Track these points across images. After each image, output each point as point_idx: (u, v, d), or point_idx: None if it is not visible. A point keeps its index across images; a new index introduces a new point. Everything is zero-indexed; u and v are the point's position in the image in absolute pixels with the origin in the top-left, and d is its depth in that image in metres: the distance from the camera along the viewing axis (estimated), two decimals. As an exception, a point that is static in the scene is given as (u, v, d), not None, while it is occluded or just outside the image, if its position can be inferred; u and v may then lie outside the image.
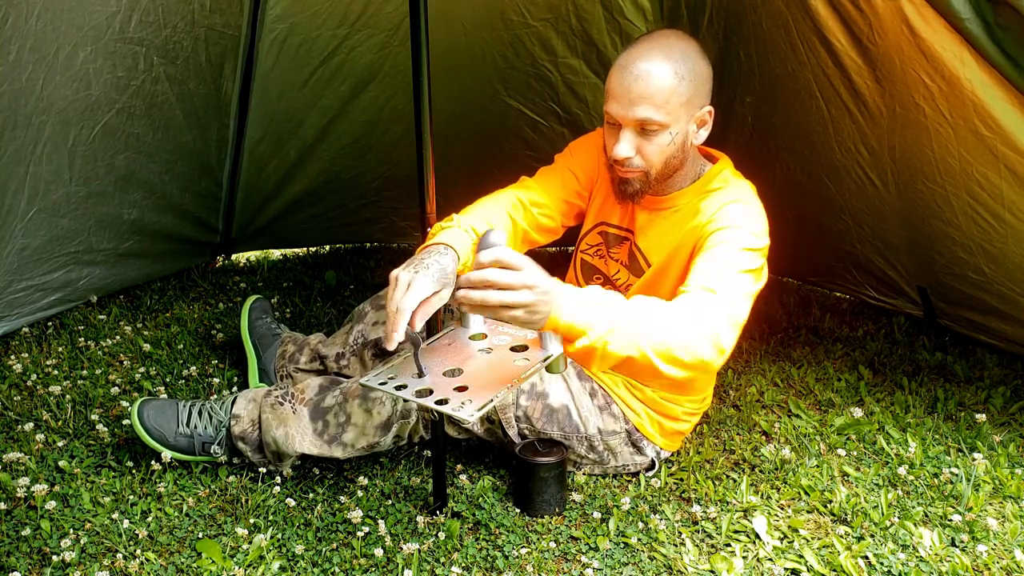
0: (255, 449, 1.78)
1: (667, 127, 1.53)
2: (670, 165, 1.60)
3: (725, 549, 1.65)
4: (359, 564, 1.56)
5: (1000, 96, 1.62)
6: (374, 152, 2.87)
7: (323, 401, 1.77)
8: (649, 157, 1.57)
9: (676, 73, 1.51)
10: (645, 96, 1.50)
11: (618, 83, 1.53)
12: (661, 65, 1.50)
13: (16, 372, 2.17)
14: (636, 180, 1.61)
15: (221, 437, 1.78)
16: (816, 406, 2.20)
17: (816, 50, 1.97)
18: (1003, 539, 1.67)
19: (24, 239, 2.22)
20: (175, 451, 1.78)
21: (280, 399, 1.78)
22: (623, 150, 1.56)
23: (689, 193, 1.67)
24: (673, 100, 1.51)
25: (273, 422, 1.75)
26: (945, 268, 2.21)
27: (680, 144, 1.57)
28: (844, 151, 2.18)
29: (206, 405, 1.82)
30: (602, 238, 1.82)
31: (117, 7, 2.08)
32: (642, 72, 1.50)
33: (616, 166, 1.61)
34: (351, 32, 2.49)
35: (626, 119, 1.53)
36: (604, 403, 1.81)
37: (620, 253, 1.79)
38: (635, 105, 1.51)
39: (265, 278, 3.00)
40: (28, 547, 1.56)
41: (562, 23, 2.46)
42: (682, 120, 1.55)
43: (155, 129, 2.43)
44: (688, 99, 1.53)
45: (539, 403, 1.78)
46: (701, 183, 1.66)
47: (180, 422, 1.79)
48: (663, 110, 1.51)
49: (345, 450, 1.76)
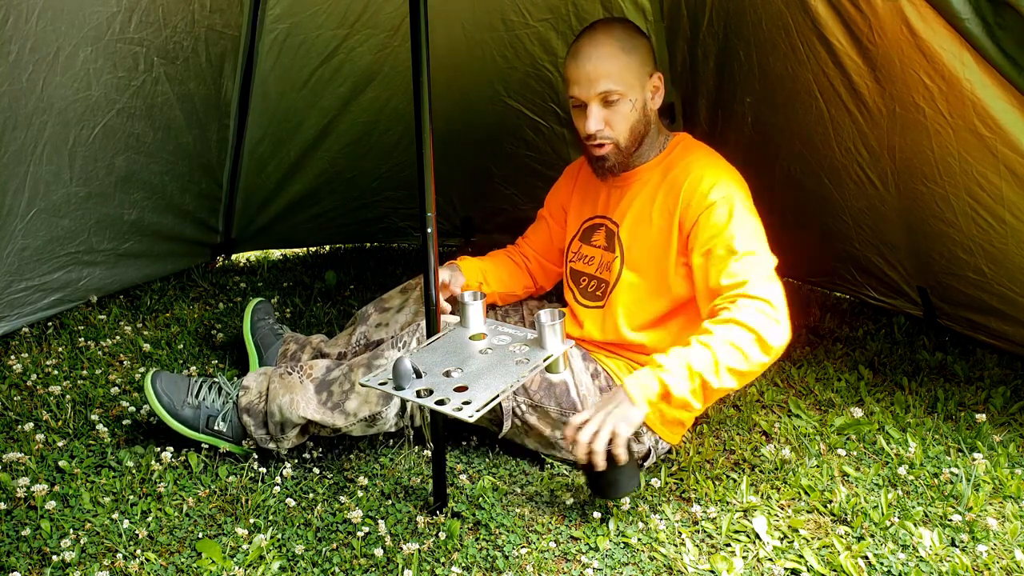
0: (259, 423, 1.81)
1: (626, 95, 1.72)
2: (636, 131, 1.77)
3: (725, 549, 1.65)
4: (359, 564, 1.56)
5: (1000, 96, 1.62)
6: (374, 152, 2.87)
7: (329, 376, 1.81)
8: (616, 126, 1.75)
9: (622, 48, 1.72)
10: (600, 72, 1.70)
11: (574, 68, 1.74)
12: (607, 43, 1.72)
13: (16, 372, 2.17)
14: (610, 154, 1.78)
15: (227, 411, 1.83)
16: (816, 406, 2.20)
17: (816, 50, 1.97)
18: (1003, 539, 1.67)
19: (24, 239, 2.22)
20: (180, 422, 1.82)
21: (289, 371, 1.83)
22: (593, 124, 1.73)
23: (653, 166, 1.84)
24: (625, 71, 1.71)
25: (280, 390, 1.79)
26: (945, 268, 2.21)
27: (641, 110, 1.76)
28: (844, 151, 2.18)
29: (217, 381, 1.88)
30: (581, 240, 1.96)
31: (117, 7, 2.08)
32: (593, 53, 1.71)
33: (590, 144, 1.78)
34: (351, 32, 2.49)
35: (589, 96, 1.72)
36: (605, 385, 1.83)
37: (599, 238, 1.91)
38: (594, 81, 1.71)
39: (265, 278, 3.00)
40: (28, 547, 1.56)
41: (562, 23, 2.46)
42: (637, 88, 1.74)
43: (155, 129, 2.43)
44: (638, 67, 1.73)
45: (538, 376, 1.81)
46: (663, 155, 1.84)
47: (190, 393, 1.84)
48: (619, 80, 1.71)
49: (347, 418, 1.78)
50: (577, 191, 2.01)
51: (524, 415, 1.82)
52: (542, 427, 1.83)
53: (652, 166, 1.84)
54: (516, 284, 2.09)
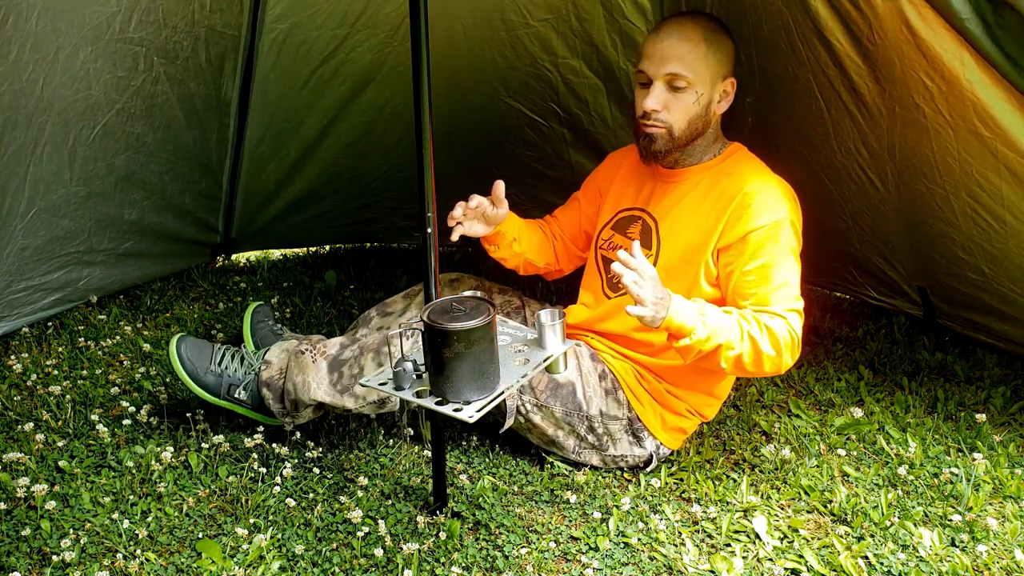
0: (277, 398, 1.84)
1: (693, 85, 1.68)
2: (693, 126, 1.73)
3: (725, 549, 1.65)
4: (359, 564, 1.56)
5: (1000, 96, 1.62)
6: (374, 152, 2.87)
7: (342, 355, 1.82)
8: (675, 112, 1.71)
9: (705, 39, 1.68)
10: (676, 54, 1.67)
11: (652, 43, 1.71)
12: (692, 29, 1.68)
13: (16, 372, 2.17)
14: (660, 137, 1.73)
15: (249, 381, 1.86)
16: (816, 406, 2.20)
17: (816, 50, 1.97)
18: (1003, 539, 1.67)
19: (24, 239, 2.22)
20: (203, 387, 1.86)
21: (303, 350, 1.84)
22: (652, 102, 1.70)
23: (706, 168, 1.79)
24: (700, 62, 1.68)
25: (295, 369, 1.81)
26: (945, 268, 2.21)
27: (704, 106, 1.72)
28: (844, 151, 2.18)
29: (241, 350, 1.91)
30: (614, 229, 1.91)
31: (117, 7, 2.08)
32: (674, 33, 1.68)
33: (643, 122, 1.74)
34: (351, 32, 2.49)
35: (657, 74, 1.69)
36: (611, 387, 1.83)
37: (634, 231, 1.87)
38: (666, 61, 1.67)
39: (265, 278, 3.00)
40: (28, 547, 1.56)
41: (562, 23, 2.46)
42: (707, 83, 1.70)
43: (155, 129, 2.43)
44: (715, 63, 1.70)
45: (544, 376, 1.80)
46: (717, 160, 1.80)
47: (213, 360, 1.87)
48: (691, 68, 1.67)
49: (356, 401, 1.79)
50: (619, 179, 1.96)
51: (528, 414, 1.81)
52: (545, 426, 1.83)
53: (704, 168, 1.79)
54: (542, 257, 2.06)
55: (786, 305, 1.66)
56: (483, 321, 1.34)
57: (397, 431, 1.98)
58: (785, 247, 1.68)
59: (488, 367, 1.37)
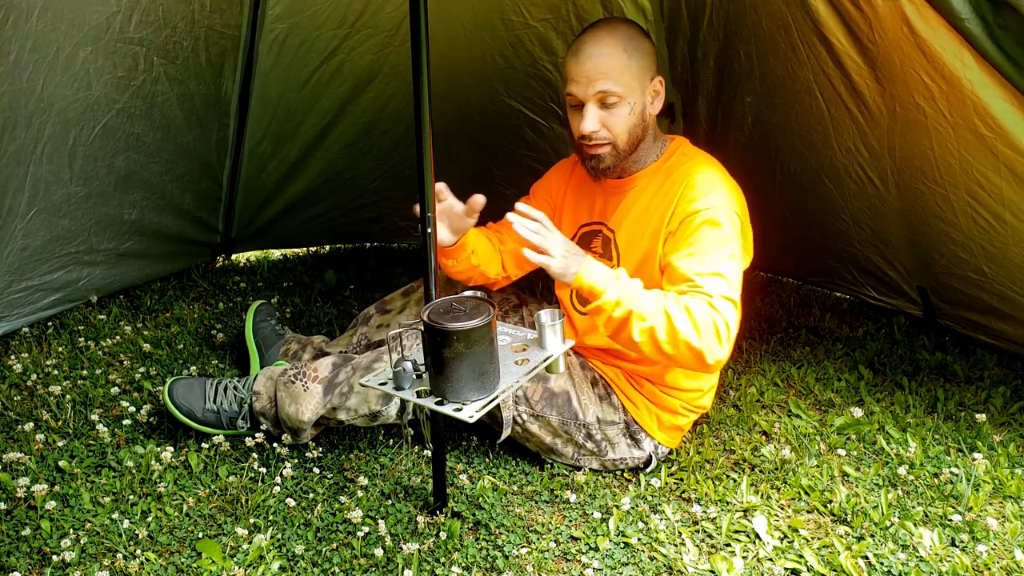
0: (274, 423, 1.87)
1: (625, 98, 1.68)
2: (634, 135, 1.72)
3: (725, 549, 1.65)
4: (359, 564, 1.56)
5: (1000, 96, 1.62)
6: (374, 152, 2.87)
7: (336, 377, 1.82)
8: (614, 128, 1.70)
9: (625, 49, 1.66)
10: (601, 71, 1.65)
11: (574, 66, 1.69)
12: (610, 43, 1.67)
13: (16, 372, 2.17)
14: (606, 155, 1.73)
15: (245, 412, 1.89)
16: (816, 406, 2.20)
17: (816, 50, 1.97)
18: (1003, 539, 1.67)
19: (24, 239, 2.22)
20: (204, 425, 1.89)
21: (293, 377, 1.83)
22: (589, 124, 1.69)
23: (652, 172, 1.79)
24: (626, 73, 1.66)
25: (286, 399, 1.82)
26: (945, 268, 2.21)
27: (639, 114, 1.71)
28: (844, 151, 2.18)
29: (231, 382, 1.92)
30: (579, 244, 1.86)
31: (117, 7, 2.08)
32: (594, 51, 1.66)
33: (584, 144, 1.72)
34: (351, 32, 2.49)
35: (587, 95, 1.67)
36: (604, 393, 1.83)
37: (596, 245, 1.86)
38: (593, 81, 1.66)
39: (265, 278, 3.00)
40: (28, 547, 1.56)
41: (562, 23, 2.46)
42: (637, 91, 1.69)
43: (155, 129, 2.43)
44: (639, 70, 1.68)
45: (539, 386, 1.80)
46: (662, 160, 1.79)
47: (207, 399, 1.89)
48: (619, 82, 1.66)
49: (348, 413, 1.81)
50: (571, 193, 1.94)
51: (525, 423, 1.81)
52: (543, 435, 1.83)
53: (650, 172, 1.78)
54: (492, 267, 1.94)
55: (717, 292, 1.56)
56: (483, 321, 1.34)
57: (397, 431, 1.98)
58: (722, 237, 1.61)
59: (488, 367, 1.37)
